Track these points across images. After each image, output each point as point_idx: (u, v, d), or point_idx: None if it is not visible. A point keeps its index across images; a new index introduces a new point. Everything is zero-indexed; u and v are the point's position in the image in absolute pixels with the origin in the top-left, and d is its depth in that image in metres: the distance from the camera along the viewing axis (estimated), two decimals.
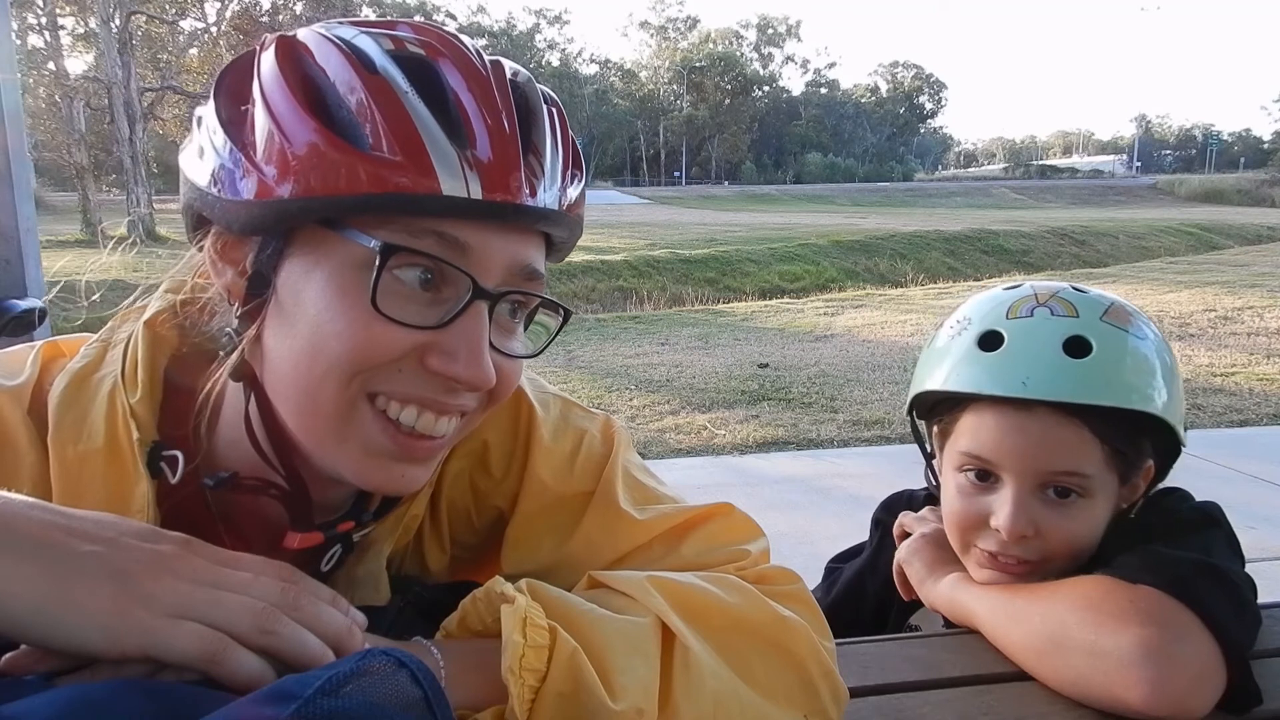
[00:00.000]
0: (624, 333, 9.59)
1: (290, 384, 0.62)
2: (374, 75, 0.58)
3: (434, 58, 0.60)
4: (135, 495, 0.65)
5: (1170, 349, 0.98)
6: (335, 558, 0.73)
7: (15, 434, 0.66)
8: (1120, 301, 0.97)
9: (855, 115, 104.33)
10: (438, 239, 0.59)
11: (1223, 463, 4.88)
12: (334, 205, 0.58)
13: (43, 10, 27.50)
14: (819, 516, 4.21)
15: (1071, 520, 0.94)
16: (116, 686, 0.45)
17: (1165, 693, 0.77)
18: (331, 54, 0.60)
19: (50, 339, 0.74)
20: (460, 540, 0.82)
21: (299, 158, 0.58)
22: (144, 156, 25.06)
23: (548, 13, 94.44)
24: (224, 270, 0.65)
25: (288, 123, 0.58)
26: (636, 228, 25.16)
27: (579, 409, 0.82)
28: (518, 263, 0.63)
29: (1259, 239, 23.05)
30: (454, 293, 0.61)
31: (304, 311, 0.60)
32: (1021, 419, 0.92)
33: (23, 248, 1.62)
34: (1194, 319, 9.32)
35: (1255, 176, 57.41)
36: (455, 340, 0.60)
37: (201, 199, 0.63)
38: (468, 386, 0.62)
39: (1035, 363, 0.91)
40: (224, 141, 0.62)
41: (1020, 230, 22.31)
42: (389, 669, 0.47)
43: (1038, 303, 0.96)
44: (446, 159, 0.57)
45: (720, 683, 0.63)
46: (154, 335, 0.69)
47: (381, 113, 0.57)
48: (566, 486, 0.77)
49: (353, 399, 0.61)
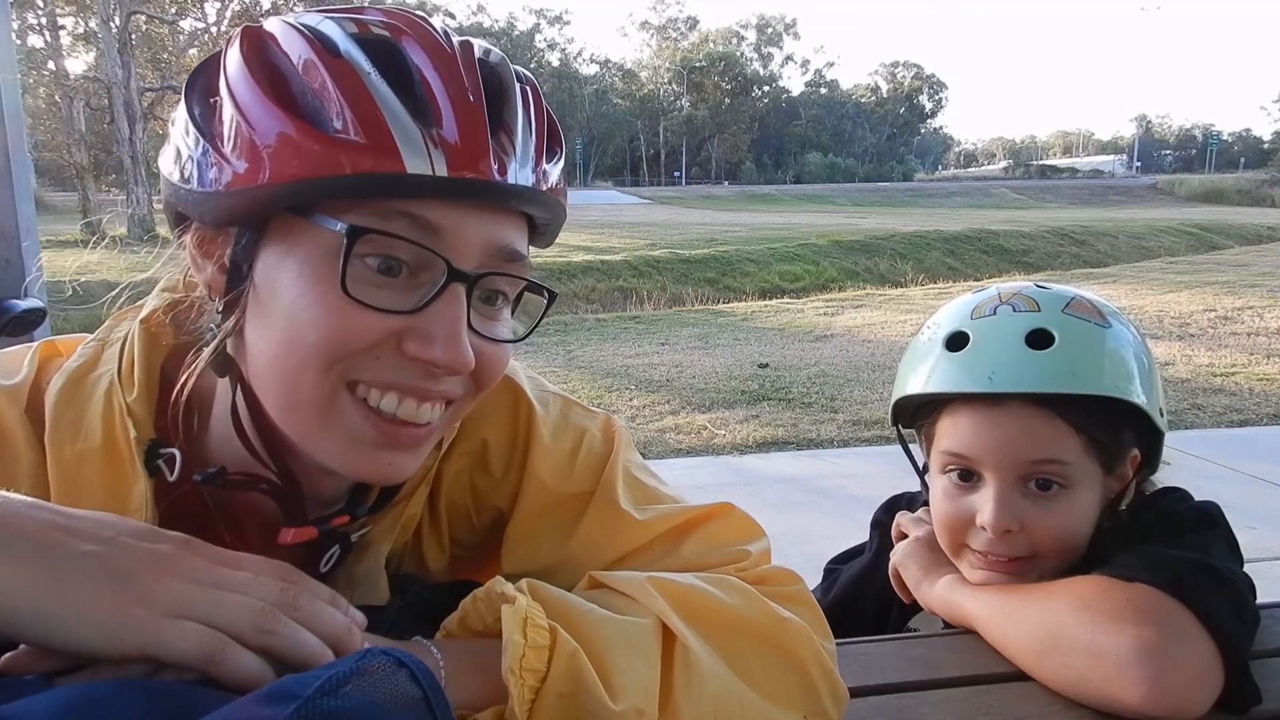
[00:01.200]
0: (624, 333, 9.59)
1: (271, 375, 0.62)
2: (337, 59, 0.58)
3: (398, 38, 0.60)
4: (133, 494, 0.65)
5: (1140, 338, 0.99)
6: (334, 558, 0.73)
7: (12, 433, 0.66)
8: (1084, 295, 0.99)
9: (855, 115, 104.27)
10: (409, 221, 0.58)
11: (1223, 463, 4.88)
12: (301, 190, 0.57)
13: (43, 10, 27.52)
14: (819, 516, 4.21)
15: (1056, 512, 0.95)
16: (116, 686, 0.45)
17: (1163, 692, 0.77)
18: (295, 40, 0.60)
19: (47, 339, 0.74)
20: (460, 540, 0.82)
21: (264, 145, 0.58)
22: (144, 156, 25.05)
23: (548, 13, 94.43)
24: (204, 265, 0.65)
25: (252, 110, 0.58)
26: (636, 228, 25.15)
27: (579, 408, 0.82)
28: (494, 243, 0.62)
29: (1259, 239, 23.04)
30: (430, 276, 0.60)
31: (279, 301, 0.60)
32: (994, 414, 0.94)
33: (23, 248, 1.62)
34: (1194, 319, 9.32)
35: (1255, 176, 57.31)
36: (432, 324, 0.59)
37: (176, 194, 0.64)
38: (446, 371, 0.61)
39: (1000, 357, 0.94)
40: (194, 135, 0.62)
41: (1020, 230, 22.29)
42: (388, 668, 0.47)
43: (1000, 301, 0.99)
44: (410, 138, 0.57)
45: (720, 684, 0.63)
46: (150, 334, 0.69)
47: (345, 95, 0.57)
48: (566, 486, 0.77)
49: (333, 388, 0.60)
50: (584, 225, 24.50)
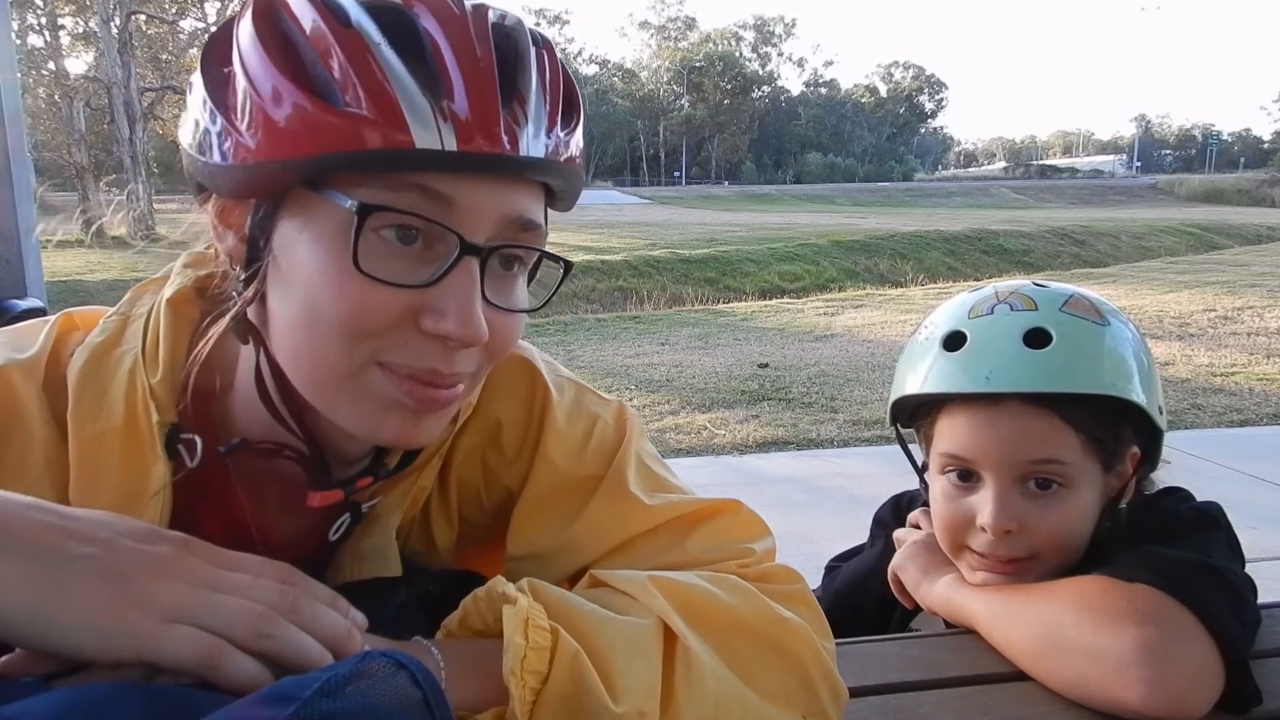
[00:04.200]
0: (624, 333, 9.59)
1: (295, 346, 0.62)
2: (348, 29, 0.57)
3: (410, 5, 0.59)
4: (151, 476, 0.64)
5: (1139, 335, 0.99)
6: (343, 527, 0.73)
7: (28, 408, 0.65)
8: (1082, 293, 0.99)
9: (855, 115, 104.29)
10: (420, 193, 0.57)
11: (1223, 463, 4.88)
12: (313, 165, 0.57)
13: (43, 10, 27.51)
14: (819, 516, 4.21)
15: (1056, 512, 0.94)
16: (113, 689, 0.45)
17: (1164, 693, 0.77)
18: (306, 10, 0.59)
19: (66, 310, 0.73)
20: (468, 518, 0.81)
21: (276, 118, 0.57)
22: (144, 156, 25.05)
23: (547, 13, 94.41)
24: (225, 235, 0.65)
25: (263, 83, 0.58)
26: (636, 227, 25.15)
27: (593, 394, 0.82)
28: (509, 215, 0.61)
29: (1259, 239, 23.03)
30: (444, 249, 0.59)
31: (298, 274, 0.60)
32: (991, 413, 0.94)
33: (23, 248, 1.62)
34: (1194, 319, 9.32)
35: (1255, 176, 57.31)
36: (445, 298, 0.59)
37: (194, 165, 0.63)
38: (459, 343, 0.60)
39: (997, 357, 0.93)
40: (208, 106, 0.61)
41: (1020, 230, 22.29)
42: (388, 670, 0.47)
43: (998, 300, 0.98)
44: (419, 112, 0.56)
45: (721, 684, 0.63)
46: (176, 313, 0.69)
47: (355, 68, 0.56)
48: (577, 470, 0.77)
49: (362, 363, 0.60)
50: (584, 225, 24.49)
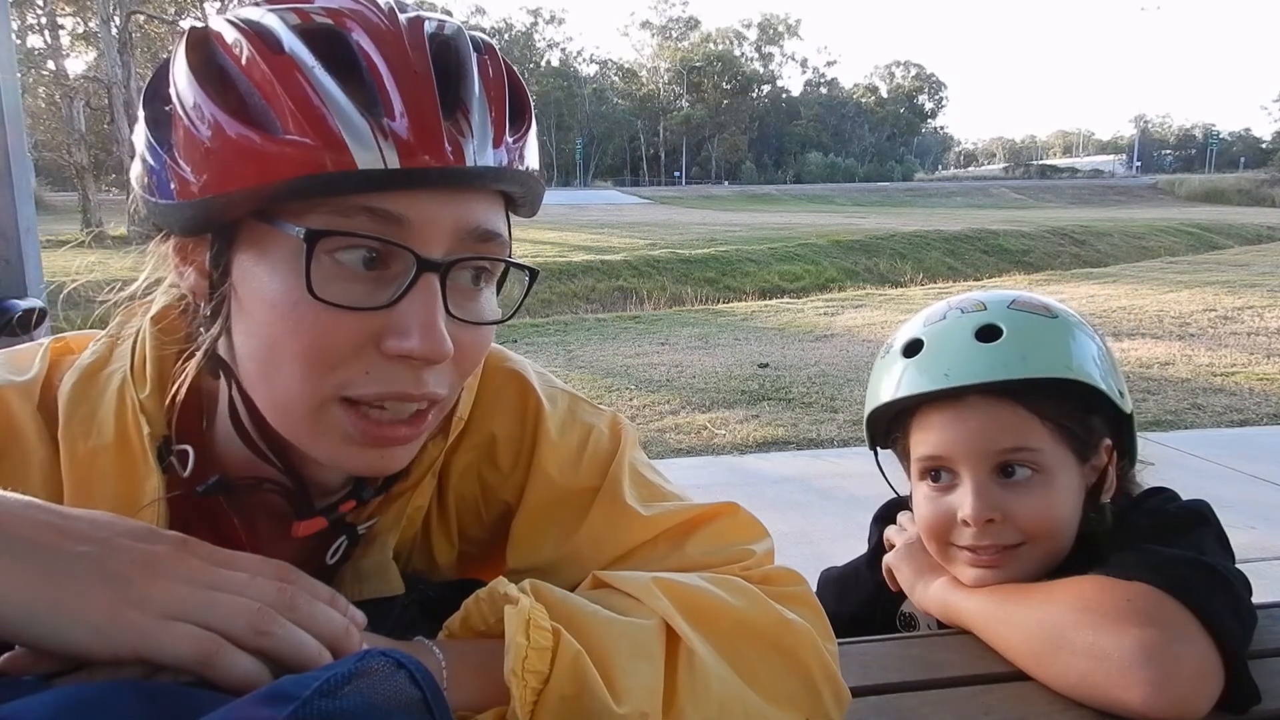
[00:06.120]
0: (624, 333, 9.58)
1: (260, 379, 0.62)
2: (280, 55, 0.56)
3: (341, 25, 0.58)
4: (145, 489, 0.65)
5: (1091, 327, 1.04)
6: (341, 550, 0.73)
7: (25, 429, 0.66)
8: (1029, 294, 1.05)
9: (855, 115, 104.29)
10: (369, 215, 0.56)
11: (1223, 463, 4.88)
12: (257, 196, 0.56)
13: (43, 10, 27.52)
14: (819, 516, 4.21)
15: (1035, 497, 0.96)
16: (112, 687, 0.45)
17: (1166, 693, 0.77)
18: (238, 40, 0.58)
19: (59, 335, 0.74)
20: (468, 535, 0.81)
21: (215, 152, 0.56)
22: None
23: (546, 12, 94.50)
24: (185, 271, 0.65)
25: (200, 117, 0.57)
26: (636, 227, 25.14)
27: (587, 405, 0.82)
28: (464, 227, 0.60)
29: (1259, 239, 23.02)
30: (402, 268, 0.58)
31: (258, 307, 0.59)
32: (957, 409, 0.98)
33: (23, 248, 1.62)
34: (1194, 319, 9.32)
35: (1255, 176, 57.26)
36: (406, 316, 0.58)
37: (147, 205, 0.63)
38: (424, 360, 0.59)
39: (954, 355, 0.98)
40: (151, 145, 0.61)
41: (1020, 230, 22.28)
42: (388, 670, 0.46)
43: (950, 308, 1.05)
44: (358, 133, 0.55)
45: (724, 686, 0.63)
46: (160, 331, 0.69)
47: (290, 94, 0.55)
48: (573, 481, 0.76)
49: (325, 399, 0.59)
50: (584, 225, 24.50)
